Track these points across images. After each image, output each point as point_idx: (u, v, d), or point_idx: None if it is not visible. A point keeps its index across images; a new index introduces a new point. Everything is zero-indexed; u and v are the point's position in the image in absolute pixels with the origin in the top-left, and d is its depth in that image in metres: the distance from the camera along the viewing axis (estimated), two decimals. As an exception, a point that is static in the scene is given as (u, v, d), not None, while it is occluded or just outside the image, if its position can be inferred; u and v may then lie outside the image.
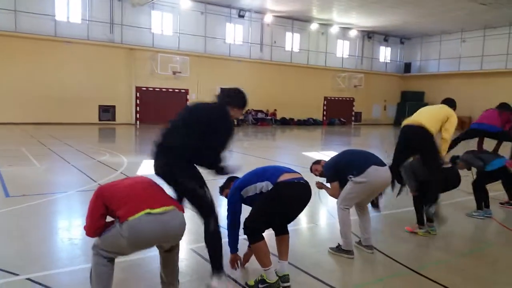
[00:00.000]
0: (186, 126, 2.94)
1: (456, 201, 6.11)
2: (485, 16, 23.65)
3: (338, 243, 3.92)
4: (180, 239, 2.71)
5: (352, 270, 3.71)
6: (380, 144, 18.08)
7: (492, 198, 6.28)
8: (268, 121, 25.97)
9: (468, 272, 3.66)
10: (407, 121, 4.87)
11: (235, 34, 25.10)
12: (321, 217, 5.56)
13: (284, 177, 3.11)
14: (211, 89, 24.16)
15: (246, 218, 3.10)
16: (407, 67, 32.76)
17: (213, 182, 3.43)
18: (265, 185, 3.09)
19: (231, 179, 3.48)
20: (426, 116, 4.82)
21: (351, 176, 3.74)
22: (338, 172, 3.88)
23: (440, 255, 4.13)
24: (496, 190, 6.37)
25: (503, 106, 6.33)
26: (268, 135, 19.68)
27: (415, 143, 4.64)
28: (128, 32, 21.53)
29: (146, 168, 8.41)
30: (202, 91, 23.50)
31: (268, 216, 3.08)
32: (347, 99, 30.09)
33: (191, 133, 2.88)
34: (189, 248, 4.00)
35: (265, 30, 26.10)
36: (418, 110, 5.11)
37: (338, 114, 29.64)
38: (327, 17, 26.28)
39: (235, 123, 23.47)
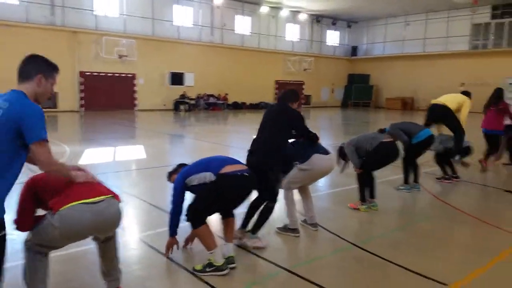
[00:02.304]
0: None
1: (389, 179, 6.40)
2: (428, 1, 24.69)
3: (285, 223, 4.06)
4: (116, 228, 2.62)
5: (298, 248, 3.86)
6: (329, 126, 18.62)
7: (429, 174, 6.73)
8: (220, 106, 25.82)
9: (405, 244, 3.92)
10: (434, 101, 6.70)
11: (184, 16, 24.51)
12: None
13: (227, 169, 3.17)
14: (160, 74, 23.67)
15: (188, 205, 3.14)
16: (354, 50, 33.69)
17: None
18: (208, 176, 3.14)
19: (180, 166, 3.50)
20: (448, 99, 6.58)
21: (296, 163, 3.96)
22: (284, 162, 3.99)
23: (380, 229, 4.38)
24: (432, 166, 6.82)
25: (496, 96, 7.67)
26: (220, 120, 19.61)
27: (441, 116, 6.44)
28: (70, 14, 20.37)
29: (89, 157, 8.14)
30: (151, 76, 22.90)
31: (209, 206, 3.16)
32: (298, 82, 30.51)
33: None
34: (138, 237, 3.97)
35: (215, 12, 25.69)
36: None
37: (290, 97, 30.01)
38: (277, 0, 26.30)
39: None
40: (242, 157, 3.72)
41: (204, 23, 25.25)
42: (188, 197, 3.29)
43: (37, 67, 2.26)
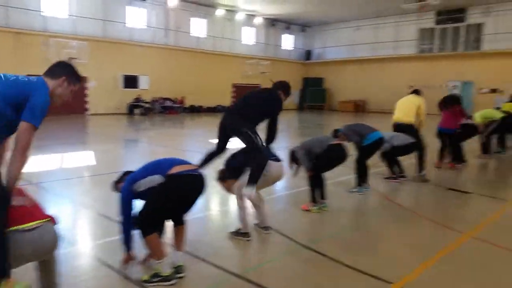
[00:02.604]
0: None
1: (340, 180, 6.60)
2: (377, 6, 25.68)
3: (238, 227, 4.07)
4: (53, 252, 2.48)
5: (249, 252, 3.88)
6: (286, 128, 18.86)
7: (377, 173, 6.98)
8: (176, 109, 25.47)
9: (354, 243, 4.04)
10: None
11: (137, 18, 23.97)
12: (224, 204, 5.68)
13: (175, 169, 3.07)
14: (113, 76, 22.98)
15: (138, 212, 3.05)
16: (308, 54, 34.42)
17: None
18: (157, 179, 3.03)
19: (125, 174, 3.36)
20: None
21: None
22: (236, 169, 4.06)
23: (331, 229, 4.51)
24: (380, 166, 7.09)
25: (451, 99, 8.20)
26: (176, 123, 19.33)
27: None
28: (15, 15, 19.35)
29: (36, 164, 7.75)
30: (103, 79, 22.20)
31: (159, 211, 3.07)
32: (255, 85, 30.67)
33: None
34: (88, 247, 3.83)
35: (169, 14, 25.34)
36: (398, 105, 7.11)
37: (247, 100, 30.15)
38: (232, 3, 26.38)
39: (144, 112, 22.79)
40: (198, 161, 3.71)
41: (158, 25, 24.84)
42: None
43: (64, 70, 2.54)
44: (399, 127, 6.92)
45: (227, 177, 4.13)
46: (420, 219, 4.78)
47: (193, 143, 12.42)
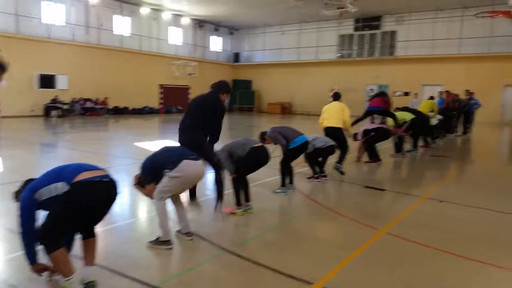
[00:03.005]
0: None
1: (265, 181, 6.67)
2: (300, 12, 26.55)
3: (158, 236, 3.89)
4: None
5: (170, 261, 3.73)
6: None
7: (300, 173, 7.16)
8: (98, 111, 24.16)
9: (277, 245, 4.06)
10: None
11: (55, 14, 22.35)
12: (142, 211, 5.44)
13: (83, 176, 2.81)
14: (28, 76, 21.18)
15: (40, 225, 2.76)
16: (237, 56, 34.67)
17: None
18: (61, 186, 2.76)
19: (27, 182, 3.03)
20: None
21: (166, 170, 3.79)
22: (155, 172, 3.88)
23: (255, 231, 4.50)
24: (303, 166, 7.28)
25: (382, 94, 9.77)
26: (98, 126, 18.31)
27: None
28: None
29: None
30: (16, 78, 20.34)
31: (64, 223, 2.78)
32: (183, 86, 30.19)
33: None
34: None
35: (90, 11, 23.98)
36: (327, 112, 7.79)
37: (175, 102, 29.54)
38: (158, 2, 25.65)
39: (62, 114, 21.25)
40: (123, 165, 3.47)
41: (78, 22, 23.40)
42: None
43: None
44: (330, 131, 7.46)
45: (145, 181, 3.94)
46: (340, 217, 4.96)
47: (115, 147, 11.81)
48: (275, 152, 6.19)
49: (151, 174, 3.89)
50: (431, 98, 13.22)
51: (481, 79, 23.46)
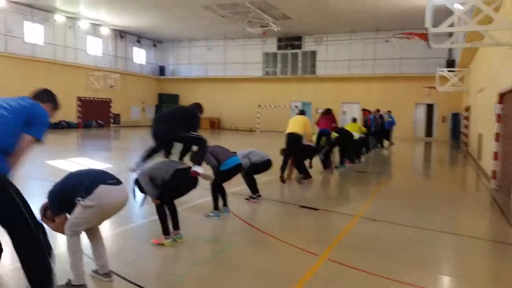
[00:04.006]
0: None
1: (195, 203, 6.22)
2: (225, 28, 26.56)
3: (68, 278, 3.24)
4: None
5: (84, 311, 3.12)
6: (140, 146, 17.74)
7: (236, 194, 6.80)
8: (5, 125, 21.73)
9: (209, 281, 3.61)
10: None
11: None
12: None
13: None
14: None
15: None
16: (162, 70, 33.67)
17: None
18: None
19: None
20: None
21: (78, 199, 3.15)
22: (65, 200, 3.22)
23: (186, 265, 4.01)
24: (238, 185, 6.94)
25: (327, 112, 10.53)
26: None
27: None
28: None
29: None
30: None
31: None
32: (104, 100, 28.46)
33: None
34: None
35: (-4, 16, 21.71)
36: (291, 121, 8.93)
37: (95, 116, 27.69)
38: (74, 10, 23.96)
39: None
40: (34, 188, 2.79)
41: (-21, 27, 21.02)
42: None
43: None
44: (291, 136, 8.58)
45: (54, 212, 3.28)
46: (279, 243, 4.62)
47: (25, 166, 10.42)
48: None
49: (61, 203, 3.24)
50: (354, 120, 13.71)
51: (394, 98, 25.25)
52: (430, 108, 26.12)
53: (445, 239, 5.12)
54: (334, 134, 10.41)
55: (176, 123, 4.85)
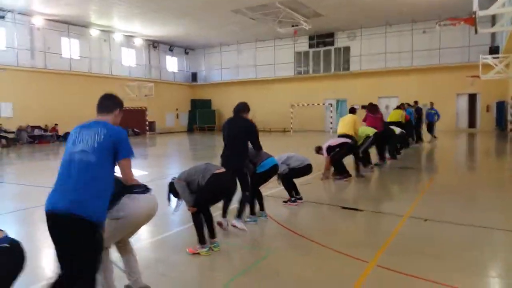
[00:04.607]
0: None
1: (231, 208, 5.94)
2: (255, 30, 26.44)
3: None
4: None
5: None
6: (177, 151, 17.90)
7: (273, 196, 6.52)
8: (48, 138, 22.59)
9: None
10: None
11: (-7, 37, 20.85)
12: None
13: None
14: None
15: None
16: (194, 76, 34.01)
17: None
18: None
19: None
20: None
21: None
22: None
23: (224, 276, 3.75)
24: (272, 187, 6.66)
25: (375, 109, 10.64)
26: (48, 155, 16.93)
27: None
28: None
29: None
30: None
31: None
32: (139, 108, 29.04)
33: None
34: None
35: (35, 34, 22.60)
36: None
37: (132, 124, 28.26)
38: (108, 24, 24.63)
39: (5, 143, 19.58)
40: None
41: (22, 46, 21.93)
42: None
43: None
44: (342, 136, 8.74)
45: None
46: (323, 249, 4.29)
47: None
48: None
49: None
50: (399, 107, 13.14)
51: (434, 89, 24.12)
52: (472, 98, 24.80)
53: (502, 237, 4.62)
54: (372, 130, 9.85)
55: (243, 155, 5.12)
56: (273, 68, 30.46)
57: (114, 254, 3.20)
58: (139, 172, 10.29)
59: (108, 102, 3.06)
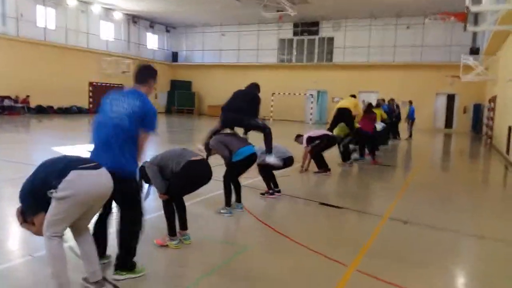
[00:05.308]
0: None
1: (206, 197, 5.68)
2: (239, 12, 25.81)
3: (53, 290, 2.75)
4: None
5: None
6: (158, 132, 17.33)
7: (250, 187, 6.26)
8: (18, 110, 21.61)
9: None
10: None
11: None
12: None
13: None
14: None
15: None
16: (175, 56, 33.14)
17: None
18: None
19: None
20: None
21: (51, 191, 2.60)
22: (37, 196, 2.66)
23: (193, 274, 3.45)
24: (253, 177, 6.40)
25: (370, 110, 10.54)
26: (17, 127, 16.15)
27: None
28: None
29: None
30: None
31: None
32: (116, 85, 28.10)
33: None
34: None
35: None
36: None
37: (106, 101, 27.43)
38: (87, -6, 23.57)
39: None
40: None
41: (-9, 10, 20.71)
42: None
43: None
44: (340, 111, 9.39)
45: (29, 214, 2.73)
46: (300, 248, 4.05)
47: (31, 152, 10.09)
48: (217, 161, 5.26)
49: (34, 200, 2.70)
50: (377, 106, 13.02)
51: (415, 87, 24.30)
52: (451, 98, 25.14)
53: (483, 244, 4.53)
54: (356, 125, 9.69)
55: (242, 112, 5.37)
56: (256, 54, 29.97)
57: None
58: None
59: (145, 73, 3.33)
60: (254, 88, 5.84)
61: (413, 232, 4.83)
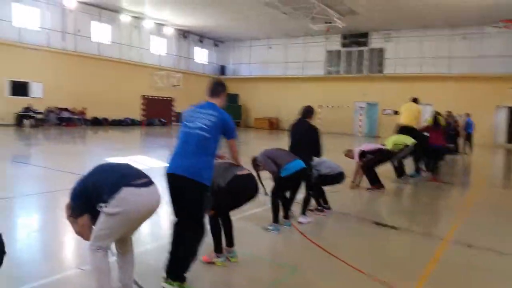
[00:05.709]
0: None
1: (253, 212, 5.51)
2: (287, 26, 25.78)
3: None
4: None
5: None
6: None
7: (297, 202, 6.01)
8: (75, 121, 22.75)
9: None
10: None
11: (27, 17, 21.01)
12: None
13: None
14: (-3, 82, 19.80)
15: None
16: (223, 69, 33.69)
17: None
18: None
19: None
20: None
21: (101, 205, 2.57)
22: (86, 201, 2.66)
23: (240, 293, 3.31)
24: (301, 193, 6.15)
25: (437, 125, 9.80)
26: (75, 138, 16.97)
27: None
28: None
29: None
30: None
31: None
32: (166, 98, 28.97)
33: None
34: None
35: (67, 16, 22.71)
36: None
37: (158, 114, 28.27)
38: (139, 10, 24.48)
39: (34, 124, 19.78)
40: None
41: (53, 27, 22.08)
42: None
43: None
44: (406, 130, 9.02)
45: (75, 212, 2.73)
46: (352, 272, 3.76)
47: (81, 163, 10.42)
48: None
49: (82, 203, 2.70)
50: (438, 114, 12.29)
51: (472, 99, 22.94)
52: (512, 111, 23.49)
53: None
54: (411, 140, 9.01)
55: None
56: (302, 66, 29.77)
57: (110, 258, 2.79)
58: (162, 163, 9.87)
59: (218, 88, 3.60)
60: (308, 115, 5.76)
61: (479, 257, 4.36)
